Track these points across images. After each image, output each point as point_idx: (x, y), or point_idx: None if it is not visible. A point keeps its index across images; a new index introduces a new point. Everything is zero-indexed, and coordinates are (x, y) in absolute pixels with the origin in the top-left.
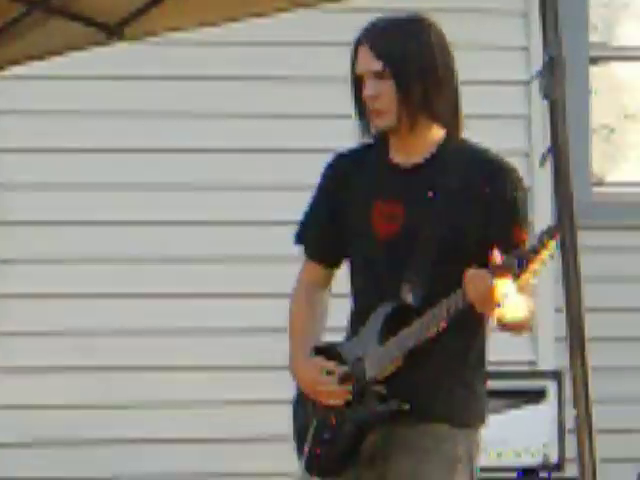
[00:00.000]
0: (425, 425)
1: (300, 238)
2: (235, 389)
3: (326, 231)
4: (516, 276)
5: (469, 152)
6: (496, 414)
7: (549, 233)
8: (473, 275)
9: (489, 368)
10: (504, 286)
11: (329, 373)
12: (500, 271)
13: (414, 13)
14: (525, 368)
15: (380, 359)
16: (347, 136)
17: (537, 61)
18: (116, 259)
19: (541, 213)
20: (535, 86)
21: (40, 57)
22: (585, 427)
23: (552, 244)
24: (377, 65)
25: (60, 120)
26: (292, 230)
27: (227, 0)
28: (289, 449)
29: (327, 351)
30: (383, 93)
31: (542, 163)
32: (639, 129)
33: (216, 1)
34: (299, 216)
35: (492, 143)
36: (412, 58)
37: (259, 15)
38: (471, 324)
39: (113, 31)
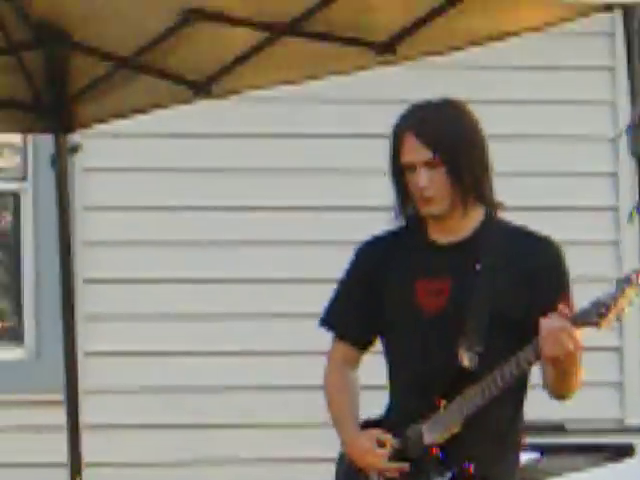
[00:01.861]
0: None
1: (329, 320)
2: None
3: (359, 313)
4: (597, 324)
5: (509, 229)
6: (584, 471)
7: (627, 281)
8: (554, 328)
9: (577, 426)
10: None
11: (381, 445)
12: (581, 321)
13: (446, 97)
14: (613, 425)
15: (440, 423)
16: None
17: (625, 117)
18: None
19: (629, 268)
20: (623, 142)
21: (125, 115)
22: None
23: (631, 292)
24: (427, 154)
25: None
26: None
27: (309, 59)
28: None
29: (376, 424)
30: (435, 181)
31: (630, 220)
32: None
33: (298, 60)
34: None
35: (581, 201)
36: (459, 144)
37: (340, 73)
38: (520, 391)
39: (200, 89)
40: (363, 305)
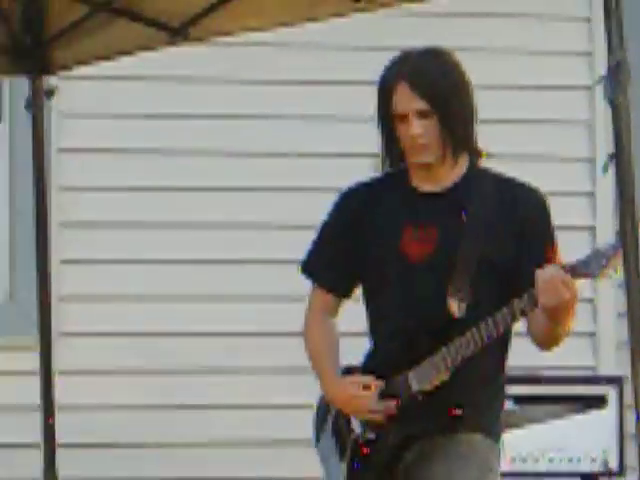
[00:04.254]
0: (461, 434)
1: (309, 267)
2: None
3: (339, 261)
4: (596, 276)
5: (494, 178)
6: (556, 419)
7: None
8: (553, 279)
9: (550, 373)
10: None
11: (366, 388)
12: (580, 272)
13: (435, 46)
14: (586, 374)
15: (427, 371)
16: None
17: (601, 66)
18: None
19: (603, 218)
20: (599, 91)
21: (102, 59)
22: None
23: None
24: (422, 104)
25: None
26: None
27: (283, 5)
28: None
29: (358, 370)
30: (428, 130)
31: (605, 169)
32: None
33: (273, 7)
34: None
35: (555, 149)
36: (452, 94)
37: (315, 20)
38: (505, 340)
39: (177, 32)
40: (344, 252)
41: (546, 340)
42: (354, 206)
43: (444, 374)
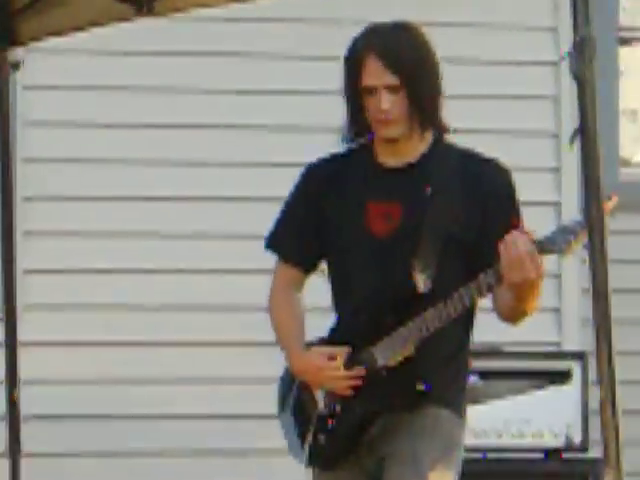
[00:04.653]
0: (426, 409)
1: (273, 242)
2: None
3: (304, 236)
4: (563, 251)
5: (458, 152)
6: (520, 394)
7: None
8: (518, 254)
9: (514, 348)
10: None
11: (331, 359)
12: (547, 247)
13: (404, 20)
14: (550, 349)
15: (392, 346)
16: None
17: (566, 42)
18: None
19: (568, 194)
20: (564, 67)
21: (68, 32)
22: (609, 408)
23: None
24: (391, 78)
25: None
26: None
27: None
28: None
29: (323, 344)
30: (396, 104)
31: (570, 144)
32: None
33: None
34: None
35: (520, 124)
36: (421, 69)
37: None
38: (470, 315)
39: (142, 5)
40: (308, 228)
41: (511, 316)
42: (318, 182)
43: (409, 349)
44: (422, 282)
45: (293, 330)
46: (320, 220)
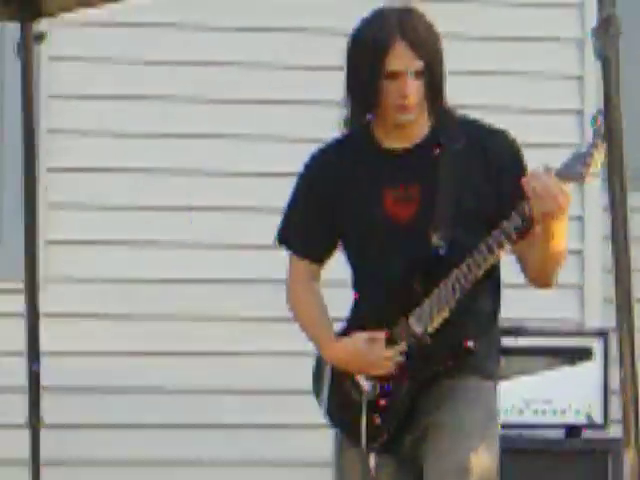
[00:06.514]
0: (467, 378)
1: (285, 237)
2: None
3: (315, 228)
4: (582, 175)
5: (460, 123)
6: (542, 372)
7: (601, 135)
8: (545, 184)
9: (537, 325)
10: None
11: (372, 341)
12: (566, 174)
13: (412, 7)
14: (572, 326)
15: (427, 312)
16: None
17: (591, 19)
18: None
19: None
20: (589, 45)
21: (93, 4)
22: (630, 387)
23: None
24: (418, 63)
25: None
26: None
27: None
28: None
29: (353, 330)
30: (419, 89)
31: (594, 123)
32: None
33: None
34: None
35: (545, 103)
36: (439, 54)
37: None
38: (496, 284)
39: None
40: (319, 218)
41: (544, 270)
42: (323, 171)
43: (445, 310)
44: (444, 247)
45: (320, 320)
46: (330, 209)
